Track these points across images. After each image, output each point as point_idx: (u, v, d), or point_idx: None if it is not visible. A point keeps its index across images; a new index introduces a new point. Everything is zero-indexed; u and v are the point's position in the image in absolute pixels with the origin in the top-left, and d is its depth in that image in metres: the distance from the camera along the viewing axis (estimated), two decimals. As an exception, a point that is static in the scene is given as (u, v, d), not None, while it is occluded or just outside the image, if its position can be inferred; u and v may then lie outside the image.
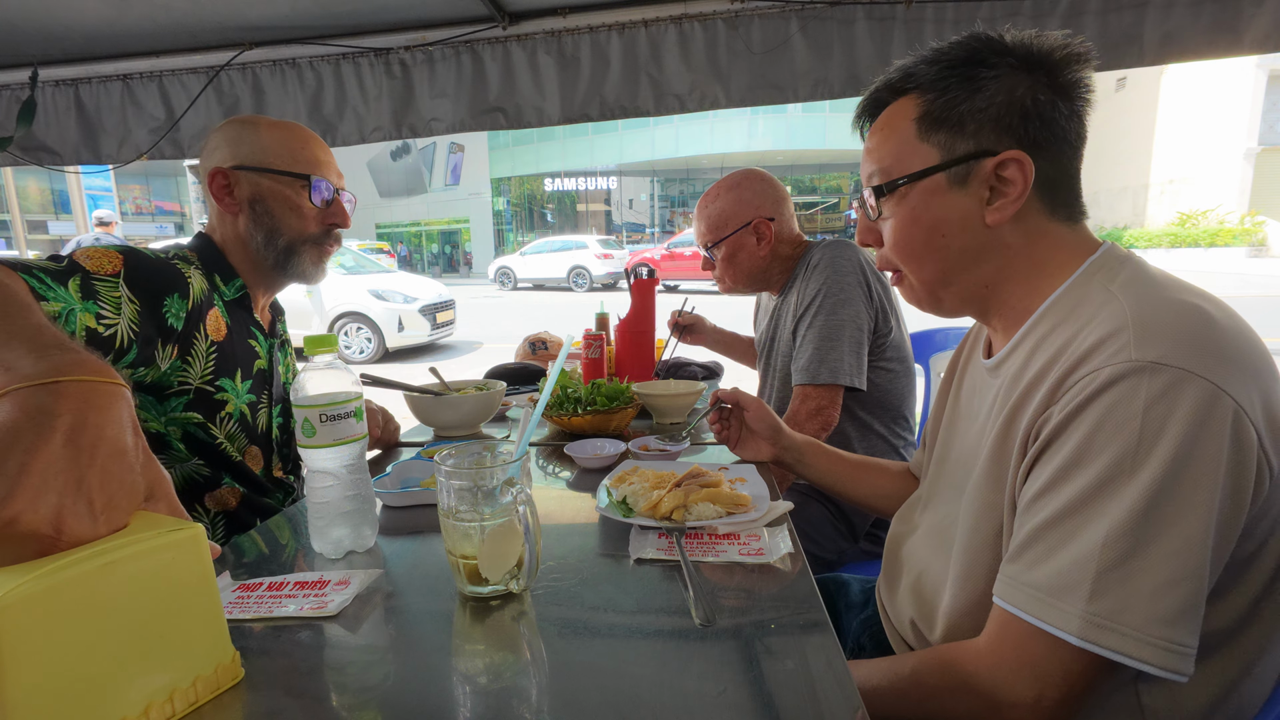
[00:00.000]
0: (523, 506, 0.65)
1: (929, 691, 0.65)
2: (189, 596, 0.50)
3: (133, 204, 25.43)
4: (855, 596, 1.04)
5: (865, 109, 0.79)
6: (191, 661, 0.51)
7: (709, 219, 1.58)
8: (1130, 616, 0.53)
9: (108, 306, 0.87)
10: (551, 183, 26.68)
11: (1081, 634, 0.54)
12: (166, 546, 0.48)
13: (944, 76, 0.68)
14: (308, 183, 1.12)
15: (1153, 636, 0.52)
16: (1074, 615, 0.54)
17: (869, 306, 1.44)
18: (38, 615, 0.41)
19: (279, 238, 1.12)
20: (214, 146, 1.11)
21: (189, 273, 1.01)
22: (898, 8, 1.71)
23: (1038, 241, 0.69)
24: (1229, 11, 1.56)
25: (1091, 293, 0.64)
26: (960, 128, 0.68)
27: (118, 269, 0.90)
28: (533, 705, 0.52)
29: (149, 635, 0.47)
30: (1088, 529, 0.55)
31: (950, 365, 0.92)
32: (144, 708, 0.47)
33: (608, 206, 27.46)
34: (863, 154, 0.78)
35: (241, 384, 1.10)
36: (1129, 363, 0.55)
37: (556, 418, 1.32)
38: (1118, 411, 0.55)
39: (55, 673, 0.42)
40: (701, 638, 0.61)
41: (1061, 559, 0.56)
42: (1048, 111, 0.66)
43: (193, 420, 1.03)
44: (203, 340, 1.02)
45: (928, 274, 0.74)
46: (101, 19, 1.88)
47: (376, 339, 7.47)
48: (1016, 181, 0.66)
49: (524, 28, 1.93)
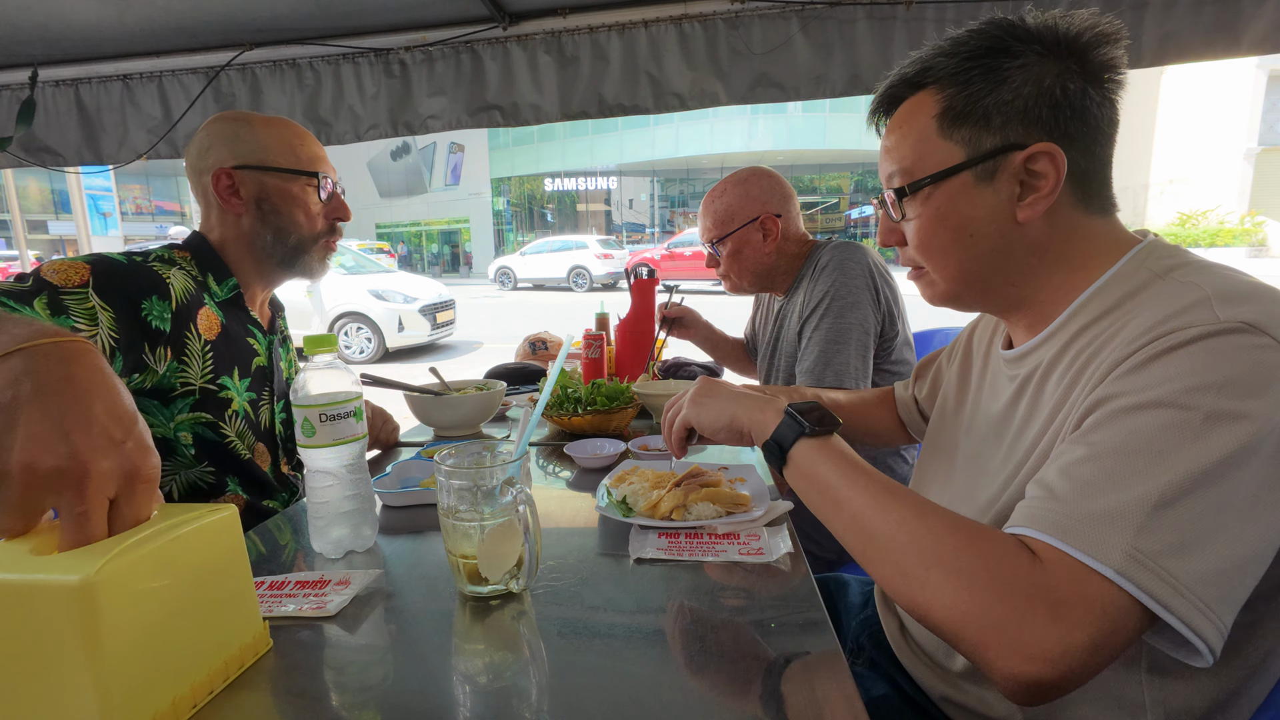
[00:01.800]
0: (523, 506, 0.65)
1: (967, 538, 0.54)
2: (229, 570, 0.56)
3: (133, 204, 25.44)
4: (855, 596, 1.04)
5: (880, 105, 0.74)
6: (234, 628, 0.57)
7: (715, 214, 1.56)
8: (1177, 566, 0.47)
9: (81, 319, 0.86)
10: (551, 183, 26.68)
11: (1122, 569, 0.47)
12: (211, 526, 0.53)
13: (964, 69, 0.64)
14: (315, 180, 1.12)
15: (1196, 596, 0.46)
16: (1116, 549, 0.48)
17: (876, 311, 1.44)
18: (121, 589, 0.45)
19: (288, 236, 1.12)
20: (206, 145, 1.09)
21: (168, 274, 0.99)
22: (898, 8, 1.72)
23: (1070, 237, 0.65)
24: (1229, 12, 1.56)
25: (1144, 282, 0.60)
26: (985, 122, 0.64)
27: (85, 279, 0.89)
28: (533, 705, 0.52)
29: (203, 604, 0.53)
30: (1152, 469, 0.49)
31: (965, 349, 0.89)
32: (207, 671, 0.53)
33: (608, 206, 27.46)
34: (880, 152, 0.74)
35: (240, 381, 1.10)
36: (1219, 323, 0.51)
37: (556, 418, 1.32)
38: (1213, 359, 0.50)
39: (137, 643, 0.46)
40: (702, 638, 0.61)
41: (1115, 494, 0.49)
42: (1079, 100, 0.62)
43: (202, 420, 1.03)
44: (196, 339, 1.01)
45: (953, 273, 0.71)
46: (101, 19, 1.88)
47: (376, 339, 7.47)
48: (1049, 175, 0.62)
49: (524, 28, 1.93)
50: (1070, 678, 0.47)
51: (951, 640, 0.52)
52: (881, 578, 0.58)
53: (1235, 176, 15.92)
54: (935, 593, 0.52)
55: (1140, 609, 0.47)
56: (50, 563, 0.45)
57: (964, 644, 0.51)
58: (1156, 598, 0.46)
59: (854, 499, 0.61)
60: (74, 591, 0.43)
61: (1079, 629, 0.47)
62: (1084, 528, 0.49)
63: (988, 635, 0.49)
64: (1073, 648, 0.47)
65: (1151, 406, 0.51)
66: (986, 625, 0.49)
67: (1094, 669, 0.48)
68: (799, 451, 0.69)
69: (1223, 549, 0.47)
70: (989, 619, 0.49)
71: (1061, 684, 0.48)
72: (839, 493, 0.63)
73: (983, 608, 0.50)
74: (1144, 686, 0.60)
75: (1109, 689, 0.61)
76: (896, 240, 0.75)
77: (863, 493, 0.61)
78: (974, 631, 0.50)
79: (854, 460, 0.65)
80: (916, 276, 0.76)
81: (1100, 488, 0.50)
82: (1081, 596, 0.48)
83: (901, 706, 0.79)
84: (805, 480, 0.68)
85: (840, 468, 0.65)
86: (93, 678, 0.44)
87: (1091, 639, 0.47)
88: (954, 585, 0.51)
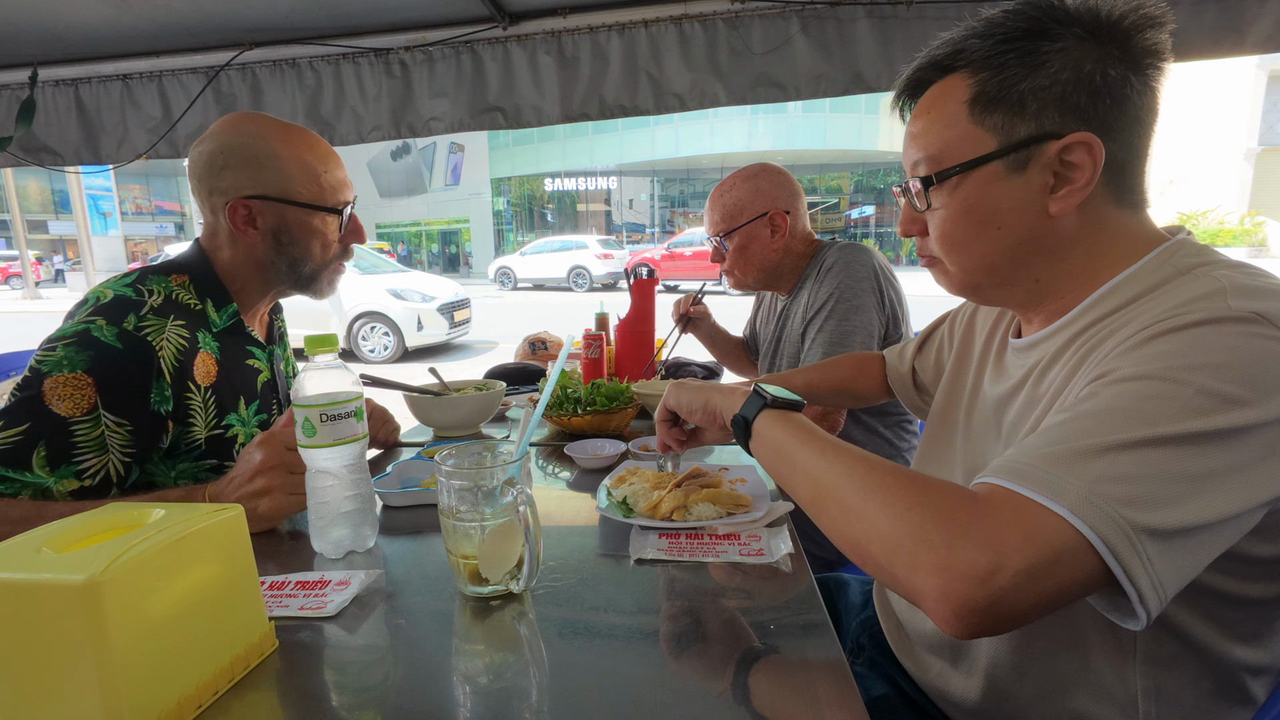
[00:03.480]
0: (523, 506, 0.65)
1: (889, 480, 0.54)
2: (235, 569, 0.57)
3: (133, 204, 25.43)
4: (855, 597, 1.04)
5: (907, 88, 0.71)
6: (239, 628, 0.57)
7: (723, 207, 1.55)
8: (1135, 515, 0.45)
9: (89, 454, 0.86)
10: (551, 183, 26.68)
11: (1074, 508, 0.45)
12: (216, 526, 0.54)
13: (1000, 51, 0.61)
14: (339, 215, 1.08)
15: (1145, 549, 0.45)
16: (1071, 489, 0.46)
17: (880, 314, 1.44)
18: (127, 589, 0.45)
19: (303, 266, 1.08)
20: (221, 164, 1.01)
21: (159, 341, 0.92)
22: (899, 7, 1.72)
23: (1099, 232, 0.63)
24: (1232, 11, 1.56)
25: (1165, 278, 0.59)
26: (1020, 109, 0.60)
27: (93, 401, 0.86)
28: (533, 705, 0.52)
29: (208, 604, 0.53)
30: (1127, 425, 0.48)
31: (967, 329, 0.89)
32: (214, 670, 0.53)
33: (608, 206, 27.45)
34: (905, 138, 0.70)
35: (247, 409, 1.08)
36: (1229, 311, 0.50)
37: (556, 418, 1.32)
38: (1216, 342, 0.49)
39: (142, 642, 0.47)
40: (702, 638, 0.61)
41: (1081, 441, 0.48)
42: (1119, 88, 0.58)
43: (204, 467, 1.01)
44: (197, 394, 0.98)
45: (974, 265, 0.68)
46: (101, 19, 1.88)
47: (396, 338, 7.35)
48: (1084, 167, 0.59)
49: (524, 28, 1.93)
50: (1002, 603, 0.45)
51: (887, 572, 0.51)
52: (828, 524, 0.58)
53: (1235, 177, 15.94)
54: (872, 522, 0.52)
55: (1090, 552, 0.45)
56: (57, 562, 0.45)
57: (898, 570, 0.50)
58: (1104, 538, 0.44)
59: (804, 454, 0.62)
60: (80, 591, 0.43)
61: (1014, 552, 0.45)
62: (1039, 470, 0.48)
63: (919, 555, 0.48)
64: (1003, 568, 0.45)
65: (1141, 378, 0.50)
66: (919, 544, 0.48)
67: (1030, 600, 0.45)
68: (761, 422, 0.70)
69: (1186, 514, 0.45)
70: (920, 538, 0.49)
71: (994, 610, 0.45)
72: (794, 451, 0.64)
73: (915, 528, 0.49)
74: (1137, 676, 0.59)
75: (1101, 678, 0.61)
76: (918, 230, 0.72)
77: (816, 449, 0.62)
78: (905, 554, 0.49)
79: (812, 428, 0.66)
80: (931, 265, 0.73)
81: (1066, 438, 0.49)
82: (1021, 526, 0.46)
83: (901, 706, 0.80)
84: (766, 448, 0.69)
85: (797, 432, 0.65)
86: (98, 677, 0.44)
87: (1027, 563, 0.45)
88: (890, 512, 0.51)
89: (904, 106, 0.72)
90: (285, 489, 0.84)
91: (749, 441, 0.71)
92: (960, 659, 0.72)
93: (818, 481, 0.59)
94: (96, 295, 0.95)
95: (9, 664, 0.45)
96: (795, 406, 0.71)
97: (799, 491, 0.63)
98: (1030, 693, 0.65)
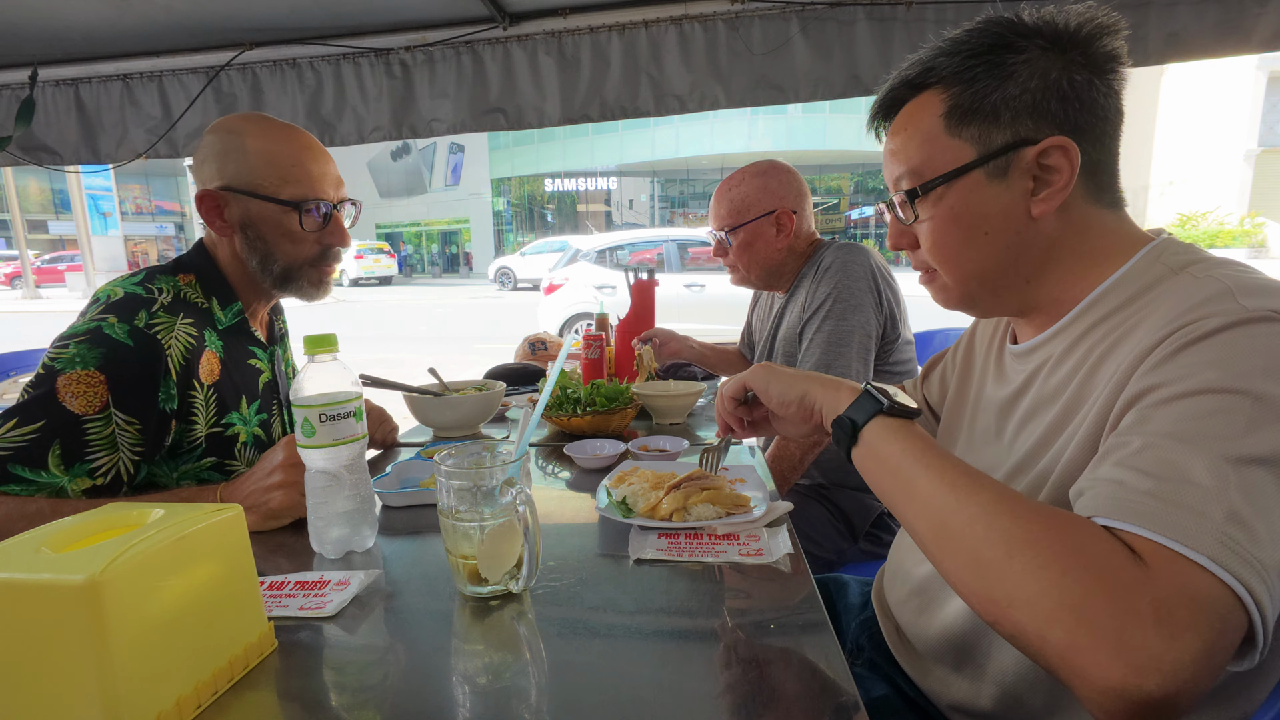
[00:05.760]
0: (522, 506, 0.65)
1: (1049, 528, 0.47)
2: (234, 569, 0.57)
3: (133, 204, 25.44)
4: (854, 597, 1.04)
5: (881, 109, 0.74)
6: (239, 628, 0.57)
7: (731, 202, 1.54)
8: (1261, 554, 0.42)
9: (101, 452, 0.86)
10: (551, 183, 26.70)
11: (1214, 556, 0.42)
12: (216, 526, 0.54)
13: (968, 66, 0.64)
14: (298, 209, 1.02)
15: (1274, 583, 0.42)
16: (1207, 534, 0.42)
17: (878, 314, 1.44)
18: (126, 589, 0.45)
19: (274, 263, 1.05)
20: (202, 159, 1.03)
21: (168, 340, 0.93)
22: (898, 8, 1.72)
23: (1083, 231, 0.65)
24: (1233, 11, 1.56)
25: (1159, 277, 0.60)
26: (994, 118, 0.63)
27: (105, 399, 0.86)
28: (533, 705, 0.52)
29: (208, 604, 0.53)
30: (1214, 455, 0.45)
31: (969, 345, 0.89)
32: (212, 671, 0.53)
33: (608, 207, 27.46)
34: (884, 156, 0.73)
35: (249, 408, 1.08)
36: (1247, 312, 0.50)
37: (556, 418, 1.32)
38: (1250, 344, 0.49)
39: (141, 642, 0.47)
40: (701, 638, 0.61)
41: (1188, 479, 0.45)
42: (1086, 91, 0.62)
43: (205, 466, 1.01)
44: (200, 392, 0.98)
45: (967, 273, 0.69)
46: (101, 19, 1.88)
47: None
48: (1062, 169, 0.62)
49: (524, 28, 1.93)
50: (1183, 694, 0.40)
51: (1034, 645, 0.45)
52: (954, 570, 0.51)
53: (1235, 178, 15.93)
54: (1018, 584, 0.45)
55: (1236, 602, 0.41)
56: (56, 562, 0.45)
57: (1050, 647, 0.43)
58: (1249, 587, 0.41)
59: (928, 483, 0.56)
60: (80, 591, 0.43)
61: (1191, 632, 0.40)
62: (1168, 513, 0.44)
63: (1081, 637, 0.42)
64: (1186, 657, 0.40)
65: (1196, 394, 0.48)
66: (1080, 622, 0.42)
67: (1205, 683, 0.41)
68: (872, 430, 0.64)
69: None
70: (1081, 613, 0.42)
71: (1172, 701, 0.40)
72: (911, 475, 0.57)
73: (1076, 600, 0.42)
74: None
75: None
76: (908, 244, 0.73)
77: (939, 476, 0.55)
78: (1064, 632, 0.42)
79: (931, 443, 0.60)
80: (928, 280, 0.74)
81: (1169, 475, 0.46)
82: (1184, 593, 0.41)
83: (901, 707, 0.79)
84: (875, 462, 0.63)
85: (915, 449, 0.59)
86: (97, 676, 0.44)
87: (1205, 644, 0.40)
88: (1040, 576, 0.44)
89: (879, 127, 0.75)
90: (300, 487, 0.85)
91: (852, 449, 0.66)
92: (964, 665, 0.72)
93: (944, 523, 0.53)
94: (107, 293, 0.96)
95: (7, 664, 0.44)
96: (914, 415, 0.65)
97: (916, 525, 0.56)
98: (1040, 703, 0.65)
